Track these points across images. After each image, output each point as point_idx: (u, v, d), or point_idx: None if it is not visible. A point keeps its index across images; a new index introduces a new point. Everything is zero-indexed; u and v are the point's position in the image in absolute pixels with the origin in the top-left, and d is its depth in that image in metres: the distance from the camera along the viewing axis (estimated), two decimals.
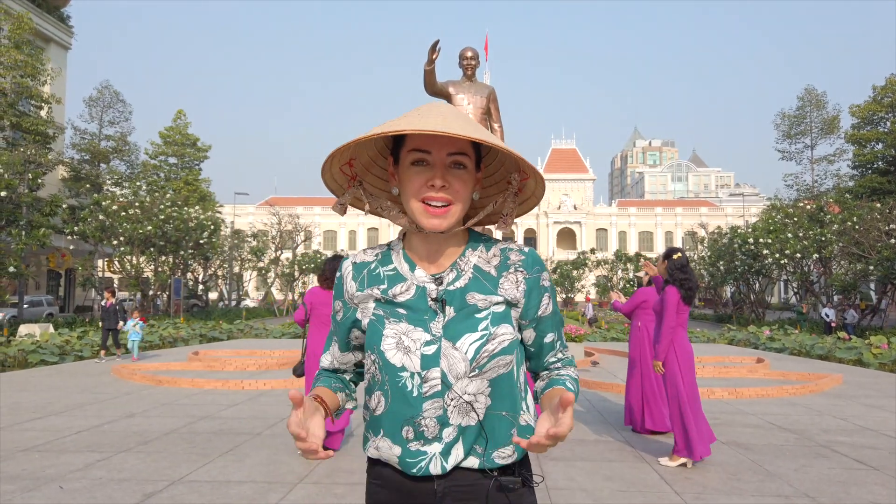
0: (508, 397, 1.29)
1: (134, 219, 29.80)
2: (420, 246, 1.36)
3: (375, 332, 1.31)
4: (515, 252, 1.36)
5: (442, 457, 1.25)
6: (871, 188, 36.68)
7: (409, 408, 1.25)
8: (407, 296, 1.32)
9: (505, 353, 1.27)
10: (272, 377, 10.29)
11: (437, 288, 1.31)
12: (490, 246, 1.38)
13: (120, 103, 41.79)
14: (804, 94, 47.44)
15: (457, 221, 1.30)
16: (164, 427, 6.59)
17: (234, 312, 36.97)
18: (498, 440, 1.28)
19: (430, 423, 1.25)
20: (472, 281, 1.32)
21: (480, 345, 1.26)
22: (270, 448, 5.69)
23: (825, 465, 5.14)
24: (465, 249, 1.36)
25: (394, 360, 1.27)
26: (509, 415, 1.29)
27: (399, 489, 1.29)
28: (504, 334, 1.28)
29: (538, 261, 1.38)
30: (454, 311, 1.29)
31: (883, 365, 13.11)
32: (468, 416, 1.25)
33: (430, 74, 13.05)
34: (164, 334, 18.58)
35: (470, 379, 1.25)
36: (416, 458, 1.25)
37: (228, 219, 51.83)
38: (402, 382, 1.26)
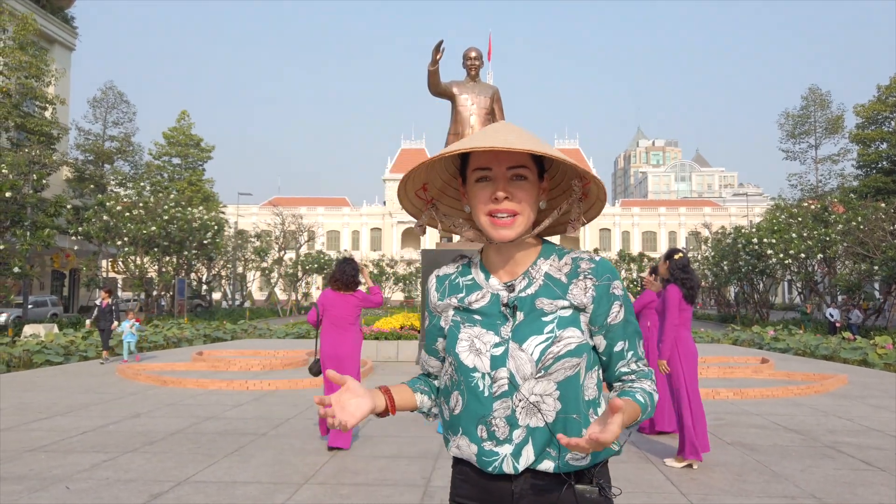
0: (578, 401, 1.34)
1: (138, 219, 29.84)
2: (494, 256, 1.44)
3: (452, 336, 1.42)
4: (586, 261, 1.41)
5: (513, 458, 1.32)
6: (875, 188, 36.57)
7: (481, 407, 1.34)
8: (482, 303, 1.41)
9: (571, 355, 1.32)
10: (277, 377, 10.31)
11: (508, 294, 1.39)
12: (562, 255, 1.44)
13: (124, 104, 41.88)
14: (808, 93, 47.26)
15: (524, 230, 1.38)
16: (169, 427, 6.60)
17: (238, 312, 37.03)
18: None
19: (500, 423, 1.32)
20: (542, 288, 1.39)
21: (546, 347, 1.32)
22: (276, 448, 5.70)
23: (831, 466, 5.13)
24: (538, 259, 1.43)
25: (467, 362, 1.36)
26: (580, 417, 1.33)
27: (479, 485, 1.38)
28: (570, 337, 1.34)
29: (609, 269, 1.41)
30: (524, 315, 1.36)
31: (888, 365, 13.07)
32: (535, 416, 1.31)
33: (434, 75, 13.14)
34: (169, 335, 18.61)
35: (536, 380, 1.31)
36: (490, 458, 1.33)
37: (232, 219, 51.95)
38: (475, 383, 1.35)
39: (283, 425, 6.74)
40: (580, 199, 1.43)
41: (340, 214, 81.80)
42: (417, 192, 1.48)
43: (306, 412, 7.50)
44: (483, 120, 13.41)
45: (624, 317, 1.41)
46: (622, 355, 1.41)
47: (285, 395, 8.72)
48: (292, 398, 8.49)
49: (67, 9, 38.53)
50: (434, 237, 78.64)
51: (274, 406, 7.91)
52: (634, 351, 1.43)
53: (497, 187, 1.35)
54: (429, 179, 1.48)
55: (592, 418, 1.35)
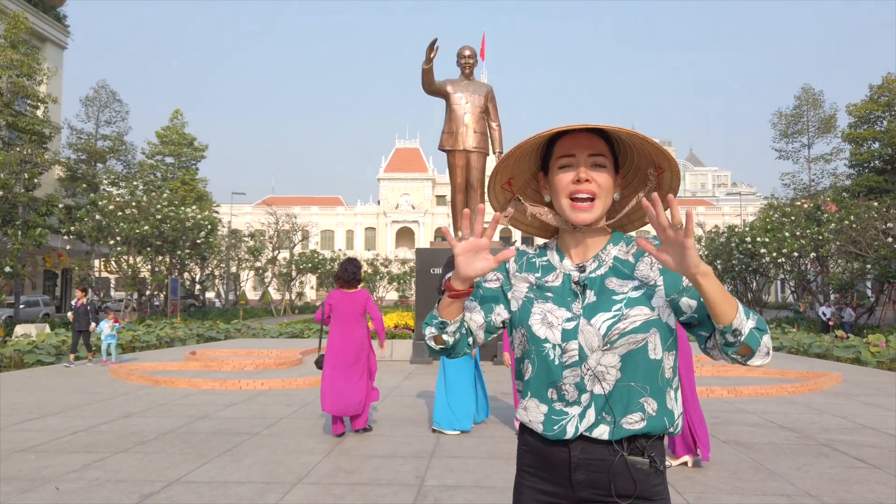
0: (641, 371, 1.43)
1: (130, 218, 29.68)
2: (569, 241, 1.57)
3: (526, 310, 1.52)
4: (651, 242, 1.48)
5: (578, 418, 1.43)
6: (867, 187, 36.69)
7: (551, 374, 1.45)
8: (555, 282, 1.53)
9: (635, 331, 1.42)
10: (270, 377, 10.25)
11: (580, 275, 1.51)
12: (630, 241, 1.56)
13: (116, 103, 41.59)
14: (801, 93, 47.39)
15: (600, 215, 1.50)
16: (161, 427, 6.55)
17: (232, 312, 36.91)
18: (627, 408, 1.42)
19: (570, 388, 1.43)
20: (611, 269, 1.51)
21: (612, 323, 1.42)
22: (268, 448, 5.66)
23: (826, 464, 5.12)
24: (608, 244, 1.55)
25: (539, 333, 1.47)
26: (638, 385, 1.42)
27: (540, 454, 1.48)
28: (636, 316, 1.43)
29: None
30: (594, 294, 1.48)
31: (881, 363, 13.11)
32: (599, 385, 1.42)
33: (428, 73, 13.10)
34: (161, 334, 18.51)
35: (603, 352, 1.42)
36: (559, 417, 1.44)
37: (226, 218, 51.78)
38: (546, 352, 1.46)
39: (275, 425, 6.69)
40: (654, 189, 1.54)
41: (335, 214, 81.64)
42: (503, 185, 1.60)
43: (300, 411, 7.45)
44: (477, 118, 13.38)
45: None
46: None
47: (278, 395, 8.67)
48: (285, 398, 8.44)
49: (59, 7, 38.28)
50: (428, 237, 78.68)
51: (267, 406, 7.86)
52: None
53: (580, 171, 1.47)
54: (514, 174, 1.60)
55: (671, 399, 1.45)
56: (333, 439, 6.02)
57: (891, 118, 37.64)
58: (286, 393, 8.86)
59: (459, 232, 13.44)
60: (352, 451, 5.59)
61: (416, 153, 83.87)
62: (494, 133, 13.61)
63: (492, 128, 13.63)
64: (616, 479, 1.40)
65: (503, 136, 13.76)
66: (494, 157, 13.73)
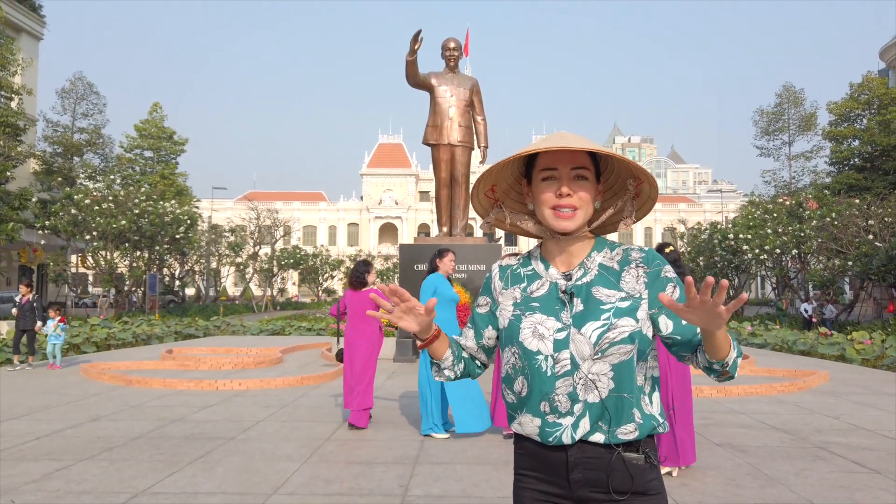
0: (630, 382, 1.46)
1: (107, 213, 29.08)
2: (553, 249, 1.60)
3: (514, 328, 1.54)
4: (636, 251, 1.57)
5: (572, 428, 1.46)
6: (847, 184, 36.98)
7: (544, 385, 1.47)
8: (541, 291, 1.56)
9: (624, 342, 1.45)
10: (248, 377, 9.94)
11: (566, 283, 1.54)
12: (614, 247, 1.59)
13: (94, 95, 40.73)
14: (782, 90, 47.65)
15: (582, 224, 1.53)
16: (131, 432, 6.23)
17: (212, 308, 36.37)
18: (620, 419, 1.46)
19: (562, 398, 1.46)
20: (597, 277, 1.53)
21: (602, 332, 1.45)
22: (244, 455, 5.37)
23: (825, 469, 4.95)
24: (592, 251, 1.58)
25: (531, 347, 1.50)
26: (630, 397, 1.46)
27: (537, 457, 1.52)
28: (624, 326, 1.46)
29: (657, 256, 1.55)
30: (581, 302, 1.50)
31: (866, 361, 13.08)
32: (592, 393, 1.45)
33: (412, 65, 12.79)
34: (138, 331, 18.09)
35: (594, 361, 1.45)
36: (552, 429, 1.47)
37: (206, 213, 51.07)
38: (538, 365, 1.48)
39: (252, 428, 6.40)
40: (633, 197, 1.60)
41: (317, 209, 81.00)
42: (486, 192, 1.65)
43: (278, 414, 7.16)
44: (462, 112, 13.11)
45: (681, 294, 1.52)
46: (692, 327, 1.49)
47: (256, 396, 8.37)
48: (263, 398, 8.15)
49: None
50: (411, 233, 78.41)
51: (244, 407, 7.56)
52: None
53: (562, 185, 1.51)
54: (497, 181, 1.64)
55: (644, 401, 1.49)
56: (313, 444, 5.75)
57: (870, 116, 37.99)
58: (265, 394, 8.56)
59: (444, 228, 13.20)
60: (331, 456, 5.32)
61: (399, 148, 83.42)
62: (480, 127, 13.35)
63: (477, 122, 13.37)
64: (613, 475, 1.45)
65: (488, 130, 13.51)
66: (479, 151, 13.46)
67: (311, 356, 13.45)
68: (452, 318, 6.19)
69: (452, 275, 6.57)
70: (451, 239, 12.96)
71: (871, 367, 12.60)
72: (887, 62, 40.83)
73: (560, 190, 1.50)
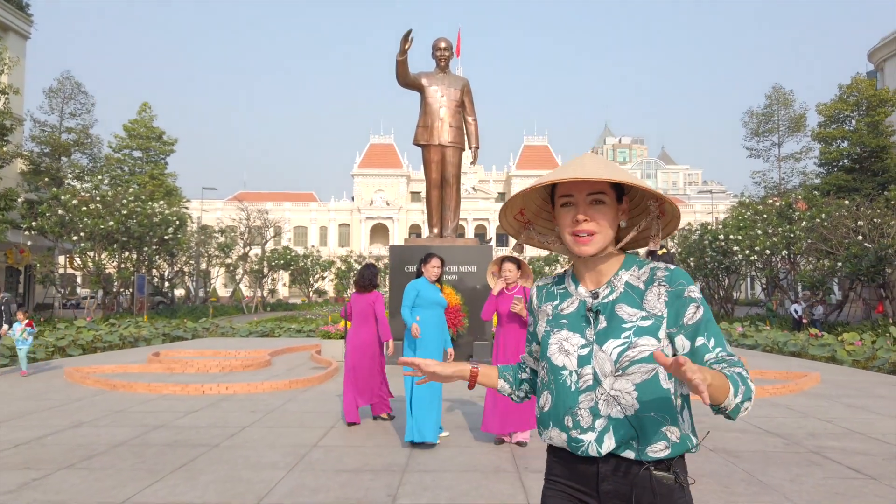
0: (657, 402, 1.49)
1: (95, 214, 28.78)
2: (582, 268, 1.65)
3: (545, 344, 1.64)
4: (662, 269, 1.59)
5: (596, 444, 1.50)
6: (837, 185, 37.11)
7: (568, 400, 1.54)
8: (571, 309, 1.63)
9: (645, 361, 1.49)
10: (235, 380, 9.78)
11: (593, 301, 1.59)
12: (642, 265, 1.62)
13: (82, 94, 40.34)
14: (772, 92, 47.88)
15: (602, 246, 1.58)
16: (113, 439, 6.08)
17: (201, 310, 36.09)
18: (649, 438, 1.48)
19: (584, 413, 1.52)
20: (622, 295, 1.57)
21: (623, 350, 1.50)
22: (228, 462, 5.24)
23: (820, 475, 4.87)
24: (620, 269, 1.62)
25: (557, 362, 1.58)
26: (658, 415, 1.48)
27: (569, 466, 1.58)
28: (644, 345, 1.49)
29: (682, 276, 1.56)
30: (605, 320, 1.55)
31: (856, 362, 13.07)
32: (615, 408, 1.49)
33: (402, 65, 12.67)
34: (125, 333, 17.85)
35: (615, 377, 1.50)
36: (577, 444, 1.53)
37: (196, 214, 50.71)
38: (563, 379, 1.56)
39: (238, 435, 6.27)
40: (658, 216, 1.63)
41: (308, 210, 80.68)
42: (515, 216, 1.73)
43: (264, 419, 7.03)
44: (453, 112, 13.00)
45: (703, 316, 1.52)
46: (707, 349, 1.50)
47: (243, 401, 8.22)
48: (251, 403, 8.01)
49: None
50: (402, 233, 78.22)
51: (230, 412, 7.42)
52: (722, 347, 1.51)
53: (578, 211, 1.56)
54: (525, 205, 1.72)
55: (680, 420, 1.51)
56: (299, 451, 5.63)
57: (859, 118, 38.14)
58: (251, 398, 8.42)
59: (435, 229, 13.08)
60: (318, 464, 5.20)
61: (390, 149, 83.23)
62: (471, 127, 13.25)
63: (468, 122, 13.26)
64: (639, 491, 1.47)
65: (479, 130, 13.41)
66: (471, 152, 13.35)
67: (301, 359, 13.31)
68: (438, 320, 6.05)
69: (442, 278, 6.46)
70: (442, 240, 12.85)
71: (861, 368, 12.60)
72: (876, 64, 41.05)
73: (576, 216, 1.56)
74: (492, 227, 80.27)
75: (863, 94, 37.41)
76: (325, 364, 11.81)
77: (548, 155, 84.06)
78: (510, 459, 5.34)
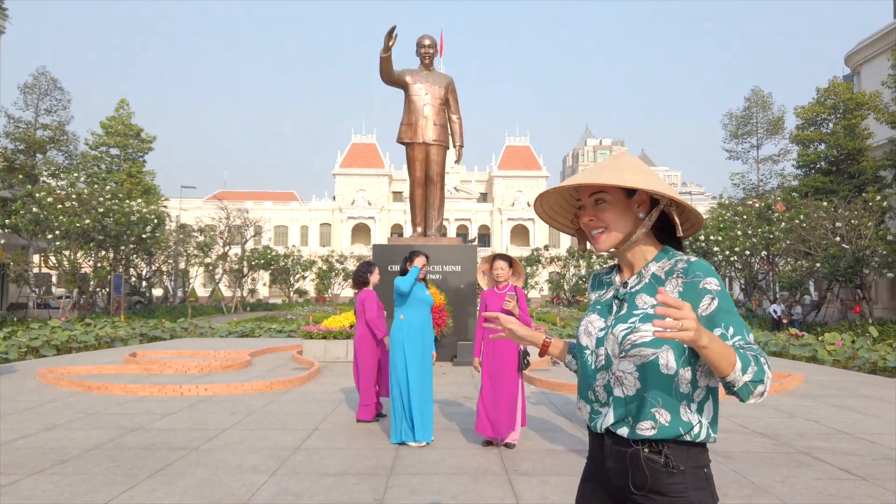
0: (654, 383, 1.55)
1: (71, 212, 28.23)
2: (621, 260, 1.75)
3: (578, 326, 1.76)
4: (683, 261, 1.63)
5: (604, 420, 1.63)
6: (814, 187, 37.54)
7: (589, 377, 1.67)
8: (607, 296, 1.73)
9: (645, 345, 1.55)
10: (214, 381, 9.58)
11: (622, 290, 1.69)
12: (672, 257, 1.67)
13: (58, 91, 39.63)
14: (751, 94, 48.43)
15: (614, 242, 1.68)
16: (87, 442, 5.87)
17: (180, 310, 35.58)
18: (639, 417, 1.56)
19: (600, 390, 1.64)
20: (646, 285, 1.65)
21: (626, 333, 1.58)
22: (207, 466, 5.06)
23: (811, 476, 4.82)
24: (651, 261, 1.69)
25: (582, 341, 1.71)
26: (651, 397, 1.55)
27: (592, 442, 1.72)
28: (646, 331, 1.55)
29: (701, 267, 1.59)
30: (626, 307, 1.64)
31: (837, 362, 13.16)
32: (619, 388, 1.60)
33: (386, 62, 12.51)
34: (101, 334, 17.48)
35: (620, 359, 1.59)
36: (595, 416, 1.66)
37: (174, 213, 50.05)
38: (585, 358, 1.69)
39: (217, 437, 6.09)
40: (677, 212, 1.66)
41: (288, 209, 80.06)
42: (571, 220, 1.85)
43: (245, 421, 6.85)
44: (437, 110, 12.87)
45: (719, 306, 1.55)
46: (724, 338, 1.51)
47: (223, 402, 8.03)
48: (230, 404, 7.82)
49: None
50: (384, 233, 77.86)
51: (209, 414, 7.22)
52: (742, 336, 1.52)
53: (586, 212, 1.69)
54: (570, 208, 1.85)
55: (687, 411, 1.55)
56: (281, 454, 5.47)
57: (836, 121, 38.62)
58: (231, 399, 8.23)
59: (419, 228, 12.96)
60: (301, 467, 5.05)
61: (372, 148, 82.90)
62: (455, 126, 13.13)
63: (452, 120, 13.15)
64: (633, 471, 1.56)
65: (464, 129, 13.30)
66: (455, 150, 13.24)
67: (282, 359, 13.10)
68: (424, 319, 5.94)
69: (426, 276, 6.33)
70: (426, 239, 12.72)
71: (842, 367, 12.68)
72: (852, 68, 41.61)
73: (584, 217, 1.69)
74: (473, 227, 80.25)
75: (840, 98, 37.89)
76: (306, 365, 11.62)
77: (529, 155, 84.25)
78: (499, 461, 5.23)
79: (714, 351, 1.39)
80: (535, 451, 5.55)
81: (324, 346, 12.45)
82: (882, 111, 32.33)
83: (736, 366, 1.41)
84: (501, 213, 79.94)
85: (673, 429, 1.52)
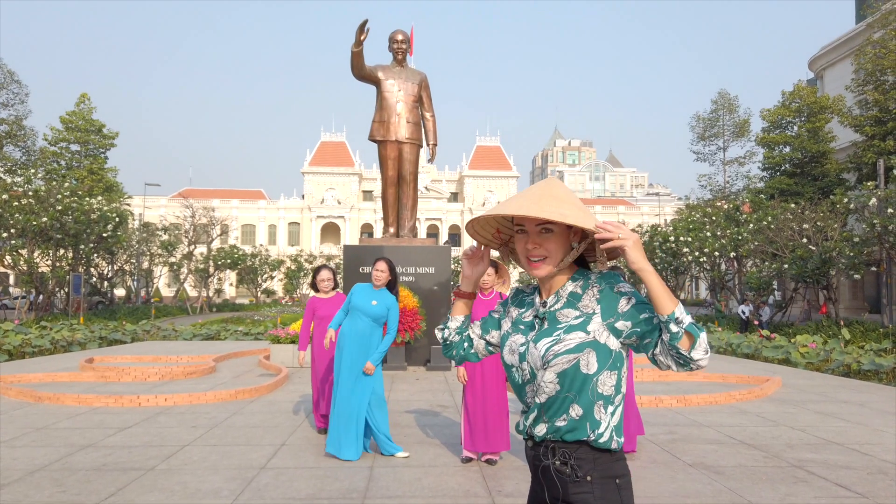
0: (573, 383, 1.66)
1: (27, 209, 27.15)
2: (541, 282, 1.85)
3: (502, 345, 1.87)
4: (595, 275, 1.77)
5: (528, 421, 1.76)
6: (779, 189, 38.08)
7: (519, 391, 1.80)
8: (528, 317, 1.84)
9: (569, 352, 1.66)
10: (175, 390, 9.08)
11: (541, 309, 1.80)
12: (586, 276, 1.78)
13: (15, 84, 38.26)
14: (718, 97, 49.03)
15: (552, 269, 1.76)
16: (31, 462, 5.38)
17: (142, 311, 34.55)
18: (558, 411, 1.68)
19: (529, 401, 1.76)
20: (565, 303, 1.76)
21: (550, 345, 1.69)
22: (164, 491, 4.63)
23: (810, 494, 4.59)
24: (567, 282, 1.79)
25: (507, 361, 1.82)
26: (570, 394, 1.66)
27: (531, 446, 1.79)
28: (571, 339, 1.67)
29: (611, 276, 1.75)
30: (546, 323, 1.76)
31: (810, 364, 13.14)
32: (542, 396, 1.71)
33: (357, 57, 12.07)
34: (57, 337, 16.69)
35: (543, 370, 1.69)
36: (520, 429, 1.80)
37: (138, 211, 48.75)
38: (513, 374, 1.81)
39: (176, 455, 5.64)
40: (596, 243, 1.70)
41: (256, 208, 78.79)
42: (493, 234, 1.90)
43: (207, 436, 6.40)
44: (410, 108, 12.50)
45: (637, 301, 1.68)
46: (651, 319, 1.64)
47: (183, 413, 7.56)
48: (191, 417, 7.36)
49: None
50: (354, 232, 77.17)
51: (168, 428, 6.75)
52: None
53: (529, 239, 1.75)
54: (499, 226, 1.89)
55: (600, 410, 1.66)
56: (246, 474, 5.06)
57: (800, 124, 39.21)
58: (193, 410, 7.76)
59: (391, 229, 12.57)
60: (267, 490, 4.65)
61: (342, 147, 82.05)
62: (428, 123, 12.78)
63: (426, 118, 12.79)
64: (548, 485, 1.68)
65: (437, 127, 12.96)
66: (428, 149, 12.88)
67: (248, 364, 12.59)
68: (359, 331, 5.39)
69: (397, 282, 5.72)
70: (399, 240, 12.35)
71: (815, 370, 12.66)
72: (816, 72, 42.34)
73: (528, 244, 1.73)
74: (444, 227, 79.97)
75: (804, 101, 38.46)
76: (273, 371, 11.16)
77: (500, 155, 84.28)
78: (480, 481, 4.90)
79: (655, 278, 1.56)
80: (518, 469, 5.23)
81: (291, 350, 11.98)
82: (845, 115, 32.90)
83: (678, 307, 1.55)
84: (472, 212, 79.75)
85: (581, 423, 1.64)
